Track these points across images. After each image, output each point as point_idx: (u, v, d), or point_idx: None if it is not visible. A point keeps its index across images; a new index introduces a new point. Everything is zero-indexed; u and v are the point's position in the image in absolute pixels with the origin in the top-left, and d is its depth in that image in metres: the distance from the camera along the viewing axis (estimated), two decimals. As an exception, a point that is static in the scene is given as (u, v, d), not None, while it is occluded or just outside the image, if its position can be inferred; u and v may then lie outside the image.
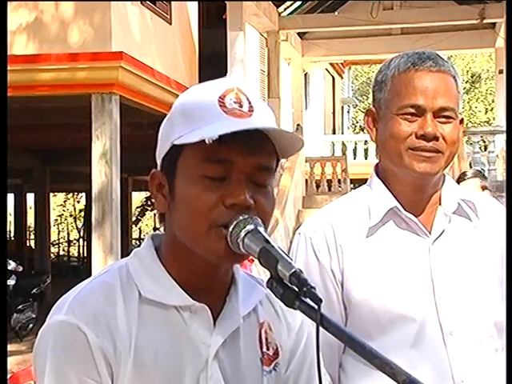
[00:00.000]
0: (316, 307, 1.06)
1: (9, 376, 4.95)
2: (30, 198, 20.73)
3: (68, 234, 28.20)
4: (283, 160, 1.28)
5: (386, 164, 1.78)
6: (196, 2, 11.89)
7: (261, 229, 1.14)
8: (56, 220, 28.43)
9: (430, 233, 1.75)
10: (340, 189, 13.57)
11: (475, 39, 16.29)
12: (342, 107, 25.59)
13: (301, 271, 1.07)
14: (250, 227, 1.14)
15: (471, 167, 11.22)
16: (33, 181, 17.08)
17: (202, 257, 1.20)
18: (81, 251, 26.07)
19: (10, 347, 8.68)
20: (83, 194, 24.88)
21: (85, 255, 23.10)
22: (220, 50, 12.78)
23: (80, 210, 28.34)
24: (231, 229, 1.15)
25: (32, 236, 22.61)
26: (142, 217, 27.62)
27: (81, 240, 26.40)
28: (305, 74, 19.62)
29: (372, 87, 1.82)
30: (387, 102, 1.74)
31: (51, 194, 19.21)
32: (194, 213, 1.17)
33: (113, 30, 8.67)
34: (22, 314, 11.54)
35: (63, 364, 1.17)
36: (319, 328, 1.06)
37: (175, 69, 10.60)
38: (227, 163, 1.17)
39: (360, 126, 31.05)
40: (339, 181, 13.95)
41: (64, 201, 29.84)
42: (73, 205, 29.58)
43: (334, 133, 22.37)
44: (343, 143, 19.88)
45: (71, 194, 29.22)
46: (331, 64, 21.95)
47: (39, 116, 10.39)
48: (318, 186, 13.72)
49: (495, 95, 18.38)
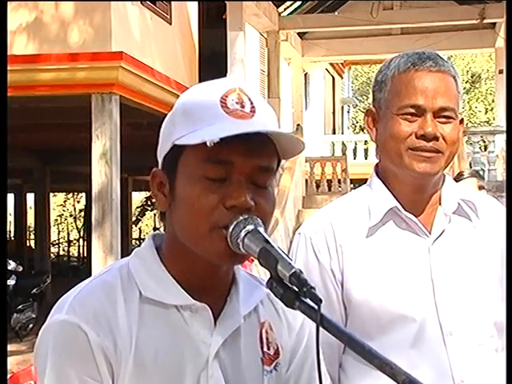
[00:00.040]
0: (316, 307, 1.06)
1: (9, 376, 4.94)
2: (30, 198, 20.73)
3: (68, 234, 28.20)
4: (283, 160, 1.28)
5: (386, 164, 1.78)
6: (196, 2, 11.89)
7: (261, 229, 1.14)
8: (56, 220, 28.45)
9: (430, 233, 1.75)
10: (340, 189, 13.55)
11: (475, 39, 16.29)
12: (342, 107, 25.57)
13: (301, 271, 1.07)
14: (250, 227, 1.14)
15: (471, 167, 11.24)
16: (33, 181, 17.07)
17: (203, 257, 1.20)
18: (81, 251, 26.08)
19: (10, 347, 8.68)
20: (83, 194, 24.88)
21: (85, 255, 23.10)
22: (220, 50, 12.78)
23: (80, 210, 28.35)
24: (231, 229, 1.15)
25: (32, 236, 22.60)
26: (142, 217, 27.63)
27: (81, 240, 26.41)
28: (305, 74, 19.61)
29: (372, 87, 1.82)
30: (387, 102, 1.74)
31: (51, 194, 19.19)
32: (195, 214, 1.17)
33: (113, 30, 8.67)
34: (22, 314, 11.53)
35: (64, 363, 1.17)
36: (319, 328, 1.06)
37: (175, 69, 10.60)
38: (228, 164, 1.17)
39: (360, 126, 31.02)
40: (339, 181, 13.92)
41: (64, 201, 29.86)
42: (73, 205, 29.59)
43: (334, 133, 22.34)
44: (343, 143, 19.85)
45: (71, 194, 29.23)
46: (331, 64, 21.94)
47: (39, 116, 10.39)
48: (318, 186, 13.70)
49: (495, 95, 18.37)
